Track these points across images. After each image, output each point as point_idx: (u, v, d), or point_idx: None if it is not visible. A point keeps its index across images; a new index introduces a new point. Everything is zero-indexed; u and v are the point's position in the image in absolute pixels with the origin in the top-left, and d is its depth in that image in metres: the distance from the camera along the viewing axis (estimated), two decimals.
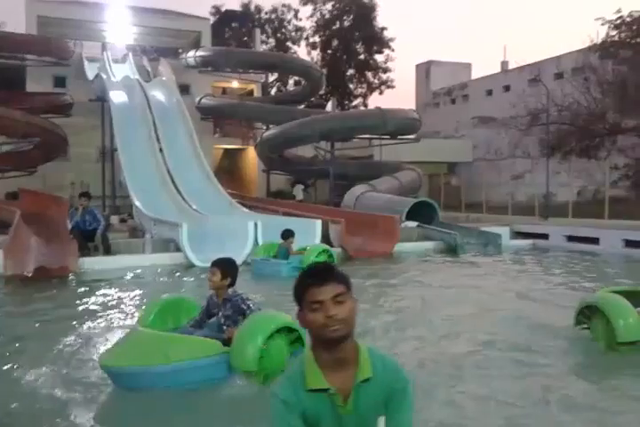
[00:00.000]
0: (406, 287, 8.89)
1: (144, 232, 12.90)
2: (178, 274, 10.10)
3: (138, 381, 4.05)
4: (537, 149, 23.91)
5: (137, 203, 14.08)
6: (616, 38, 22.69)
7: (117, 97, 19.47)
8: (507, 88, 32.50)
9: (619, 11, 22.02)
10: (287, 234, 10.05)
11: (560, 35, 79.91)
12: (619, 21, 22.31)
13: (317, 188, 27.00)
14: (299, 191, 24.45)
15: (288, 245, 10.03)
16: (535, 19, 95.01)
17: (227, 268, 4.45)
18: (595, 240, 12.33)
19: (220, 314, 4.43)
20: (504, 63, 35.73)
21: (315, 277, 1.88)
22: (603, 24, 22.56)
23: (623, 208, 17.39)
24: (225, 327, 4.38)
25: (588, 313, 5.01)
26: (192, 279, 9.78)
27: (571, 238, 12.98)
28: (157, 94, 20.49)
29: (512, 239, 13.92)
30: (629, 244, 11.65)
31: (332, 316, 1.80)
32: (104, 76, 21.50)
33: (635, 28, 22.23)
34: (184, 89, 25.11)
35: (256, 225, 11.60)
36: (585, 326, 5.12)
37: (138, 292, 8.37)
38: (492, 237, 13.21)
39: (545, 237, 13.54)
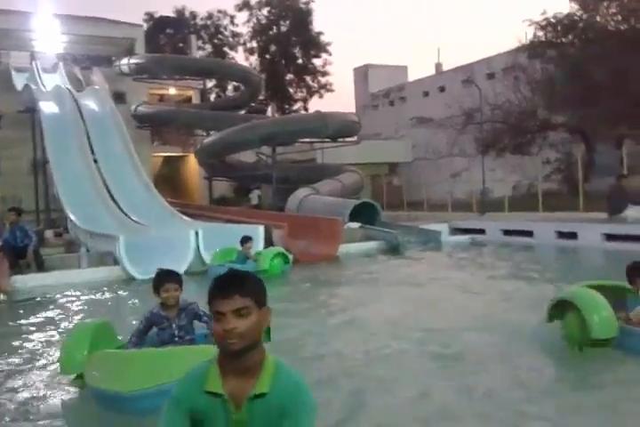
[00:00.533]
0: (348, 288, 8.94)
1: (80, 246, 12.51)
2: (115, 288, 9.83)
3: (150, 403, 3.54)
4: (473, 147, 24.60)
5: (71, 216, 13.63)
6: (542, 38, 23.56)
7: (48, 108, 18.83)
8: (442, 89, 33.34)
9: (544, 12, 22.92)
10: (245, 239, 10.20)
11: (490, 36, 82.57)
12: (544, 22, 23.20)
13: (262, 193, 26.93)
14: (255, 197, 24.55)
15: (246, 251, 10.16)
16: (466, 21, 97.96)
17: (180, 279, 4.43)
18: (529, 233, 12.77)
19: (174, 325, 4.36)
20: (438, 65, 36.68)
21: (220, 288, 1.87)
22: (529, 25, 23.43)
23: (556, 201, 18.10)
24: (177, 339, 4.34)
25: (561, 308, 4.75)
26: (129, 293, 9.55)
27: (506, 232, 13.40)
28: (90, 104, 19.92)
29: (451, 235, 14.24)
30: (561, 235, 12.12)
31: (231, 329, 1.79)
32: (33, 87, 20.77)
33: (559, 28, 23.17)
34: (119, 97, 24.58)
35: (197, 234, 11.42)
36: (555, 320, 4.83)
37: (73, 309, 8.11)
38: (432, 235, 13.50)
39: (482, 232, 13.94)
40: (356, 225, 14.34)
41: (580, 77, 21.06)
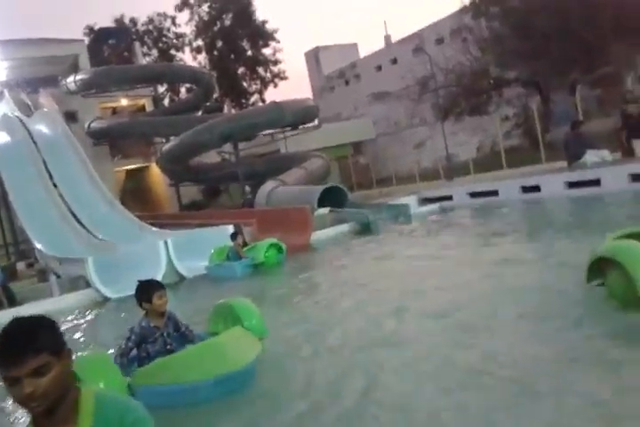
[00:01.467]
0: (326, 276, 8.91)
1: (52, 273, 12.34)
2: (90, 311, 9.72)
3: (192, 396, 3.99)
4: (432, 115, 24.60)
5: (37, 245, 13.47)
6: None
7: None
8: (394, 61, 33.23)
9: None
10: (234, 235, 10.41)
11: (435, 1, 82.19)
12: None
13: (231, 192, 26.75)
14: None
15: (236, 247, 10.20)
16: None
17: (165, 286, 4.47)
18: (495, 193, 12.82)
19: (165, 334, 4.42)
20: (387, 37, 36.48)
21: (6, 350, 1.58)
22: None
23: (519, 156, 18.19)
24: (169, 347, 4.39)
25: (602, 266, 4.26)
26: (106, 314, 9.47)
27: (473, 195, 13.45)
28: (41, 128, 19.55)
29: (420, 206, 14.25)
30: (525, 190, 12.20)
31: (30, 393, 1.57)
32: None
33: None
34: (71, 116, 24.21)
35: (166, 243, 11.30)
36: (598, 281, 4.38)
37: None
38: (401, 209, 13.50)
39: (450, 198, 13.97)
40: (325, 210, 14.29)
41: (525, 30, 21.04)
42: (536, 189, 11.98)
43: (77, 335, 7.93)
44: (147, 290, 4.35)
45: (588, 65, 20.02)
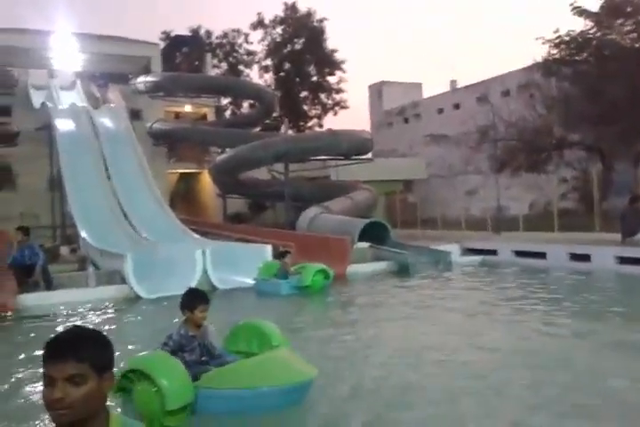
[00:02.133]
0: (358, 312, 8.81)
1: (92, 263, 12.54)
2: (121, 307, 9.80)
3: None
4: (487, 165, 24.39)
5: (83, 233, 13.73)
6: (557, 56, 23.38)
7: (63, 125, 19.10)
8: (456, 106, 33.24)
9: (557, 31, 22.77)
10: (283, 253, 10.82)
11: (505, 53, 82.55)
12: (557, 40, 23.04)
13: (276, 210, 26.89)
14: None
15: (285, 265, 10.56)
16: (481, 38, 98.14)
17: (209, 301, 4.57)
18: (542, 255, 12.50)
19: (201, 345, 4.48)
20: (453, 82, 36.62)
21: (52, 350, 1.62)
22: (543, 43, 23.28)
23: (572, 220, 17.79)
24: (203, 358, 4.46)
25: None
26: (135, 312, 9.52)
27: (519, 253, 13.15)
28: (105, 121, 20.18)
29: (462, 256, 14.02)
30: (574, 257, 11.85)
31: (59, 399, 1.57)
32: (50, 104, 21.11)
33: (573, 46, 22.99)
34: (135, 115, 24.87)
35: (204, 253, 11.38)
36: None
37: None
38: (442, 255, 13.31)
39: (494, 252, 13.69)
40: (365, 245, 14.20)
41: (595, 95, 20.84)
42: (586, 258, 11.64)
43: (100, 328, 7.96)
44: (193, 300, 4.43)
45: None
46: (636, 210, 12.08)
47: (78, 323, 8.63)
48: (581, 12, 21.05)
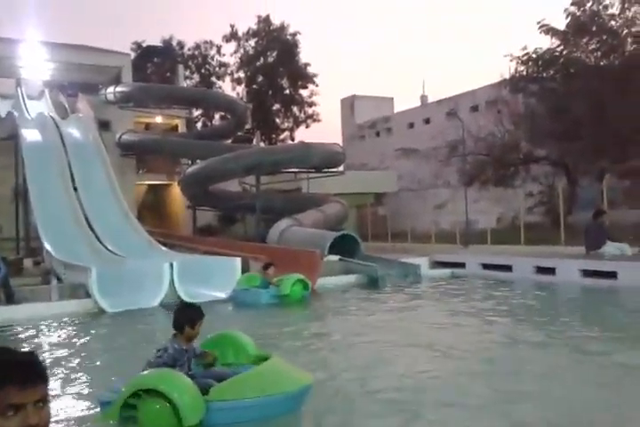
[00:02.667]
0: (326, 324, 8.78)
1: (56, 277, 12.25)
2: (84, 321, 9.57)
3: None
4: (457, 179, 24.75)
5: (47, 245, 13.40)
6: (524, 73, 23.93)
7: (29, 135, 18.75)
8: (427, 121, 33.74)
9: (524, 48, 23.31)
10: (267, 265, 11.03)
11: (474, 70, 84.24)
12: (525, 57, 23.58)
13: (247, 222, 26.75)
14: None
15: (268, 276, 10.85)
16: (451, 55, 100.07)
17: None
18: (508, 268, 12.68)
19: (187, 358, 4.47)
20: (423, 97, 37.19)
21: (19, 374, 1.48)
22: (511, 60, 23.81)
23: (539, 233, 18.13)
24: (190, 371, 4.45)
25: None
26: (98, 327, 9.30)
27: (486, 266, 13.31)
28: (73, 131, 19.86)
29: (431, 269, 14.13)
30: (540, 270, 12.04)
31: (35, 425, 1.47)
32: (17, 114, 20.71)
33: (540, 63, 23.57)
34: (104, 125, 24.56)
35: (172, 266, 11.22)
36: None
37: (36, 343, 7.84)
38: (412, 268, 13.38)
39: (462, 265, 13.83)
40: (335, 258, 14.18)
41: (561, 112, 21.37)
42: (551, 271, 11.82)
43: (62, 344, 7.77)
44: (194, 315, 4.49)
45: (618, 155, 20.17)
46: (600, 224, 12.34)
47: (39, 337, 8.40)
48: (548, 30, 21.63)
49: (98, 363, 6.67)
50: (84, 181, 16.88)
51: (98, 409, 4.38)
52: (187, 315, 4.47)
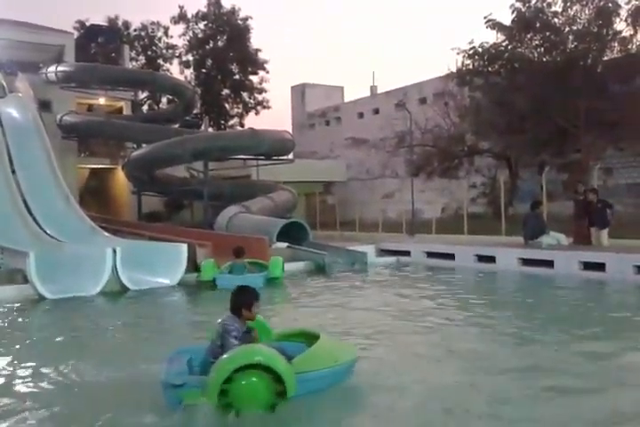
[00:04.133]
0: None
1: None
2: (21, 309, 9.25)
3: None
4: (404, 170, 25.13)
5: None
6: (470, 67, 24.36)
7: None
8: (376, 111, 34.02)
9: (471, 42, 23.71)
10: (241, 252, 11.19)
11: (424, 62, 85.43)
12: (472, 51, 23.99)
13: (194, 209, 26.38)
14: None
15: (244, 262, 11.12)
16: (401, 46, 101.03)
17: None
18: (451, 256, 13.05)
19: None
20: (373, 88, 37.44)
21: None
22: (458, 53, 24.18)
23: (481, 224, 18.66)
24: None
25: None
26: (37, 314, 9.03)
27: (430, 254, 13.66)
28: (11, 111, 19.04)
29: (378, 257, 14.37)
30: (480, 259, 12.45)
31: None
32: None
33: (486, 57, 24.06)
34: (45, 106, 23.64)
35: (115, 252, 10.96)
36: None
37: None
38: (359, 256, 13.55)
39: (407, 253, 14.13)
40: (283, 245, 14.21)
41: (504, 106, 21.93)
42: (491, 259, 12.24)
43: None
44: (251, 297, 4.62)
45: (558, 149, 20.92)
46: (537, 215, 12.83)
47: None
48: (494, 25, 22.03)
49: (35, 351, 6.48)
50: (22, 164, 16.25)
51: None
52: (245, 296, 4.60)
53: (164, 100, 39.61)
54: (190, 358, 4.52)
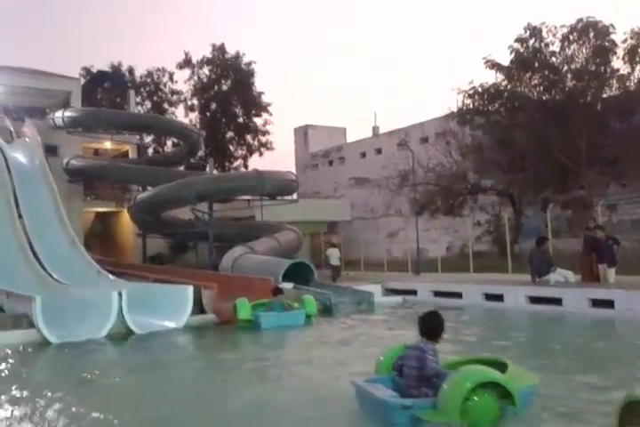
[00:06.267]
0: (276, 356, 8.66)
1: None
2: (26, 354, 9.12)
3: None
4: (408, 208, 25.20)
5: None
6: (470, 106, 24.75)
7: None
8: (379, 151, 34.39)
9: (471, 82, 24.21)
10: (279, 291, 11.48)
11: (425, 102, 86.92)
12: (472, 91, 24.45)
13: (199, 250, 26.34)
14: (334, 256, 19.72)
15: (282, 300, 11.21)
16: (402, 87, 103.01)
17: None
18: (458, 295, 12.93)
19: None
20: (375, 128, 38.00)
21: None
22: (458, 93, 24.65)
23: (487, 261, 18.59)
24: None
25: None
26: (43, 358, 8.91)
27: (437, 293, 13.54)
28: (19, 156, 19.35)
29: (384, 296, 14.26)
30: (488, 297, 12.33)
31: None
32: None
33: (485, 97, 24.50)
34: (51, 150, 23.98)
35: (120, 295, 10.90)
36: None
37: None
38: (365, 296, 13.46)
39: (414, 293, 14.02)
40: (289, 285, 14.12)
41: (506, 144, 22.21)
42: (499, 298, 12.12)
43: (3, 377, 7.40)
44: (442, 322, 4.77)
45: (561, 186, 21.04)
46: (543, 251, 12.76)
47: None
48: (493, 65, 22.55)
49: (49, 395, 6.36)
50: (29, 208, 16.38)
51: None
52: (440, 321, 4.73)
53: (169, 143, 40.20)
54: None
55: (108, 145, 29.19)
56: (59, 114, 24.77)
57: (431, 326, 4.69)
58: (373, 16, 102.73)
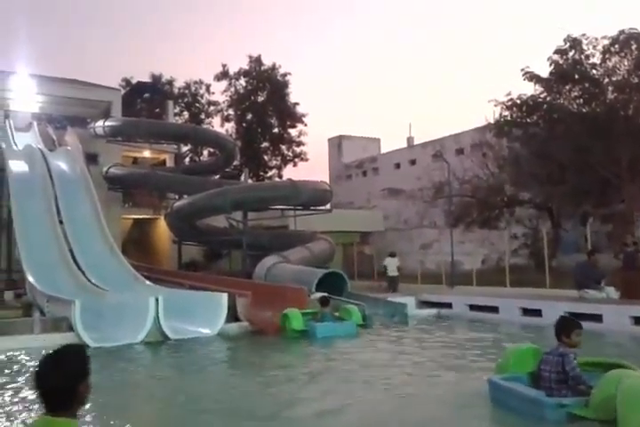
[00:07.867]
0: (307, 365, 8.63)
1: (38, 309, 12.02)
2: None
3: None
4: (442, 220, 24.97)
5: (30, 278, 13.19)
6: (508, 118, 24.47)
7: (17, 167, 18.71)
8: (413, 162, 34.29)
9: (509, 93, 23.96)
10: (326, 300, 11.49)
11: (460, 113, 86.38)
12: (510, 103, 24.18)
13: (232, 258, 26.57)
14: (392, 266, 18.55)
15: (329, 311, 11.35)
16: (437, 98, 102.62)
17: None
18: (495, 309, 12.68)
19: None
20: (410, 139, 37.90)
21: None
22: (496, 105, 24.41)
23: (523, 276, 18.23)
24: None
25: None
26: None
27: (472, 307, 13.31)
28: (61, 164, 19.88)
29: (418, 308, 14.09)
30: (526, 312, 12.06)
31: None
32: (3, 145, 20.70)
33: (523, 109, 24.19)
34: (92, 158, 24.59)
35: (157, 301, 11.05)
36: None
37: (16, 377, 7.59)
38: (399, 308, 13.31)
39: (449, 306, 13.82)
40: (319, 295, 14.06)
41: (544, 156, 21.85)
42: (537, 312, 11.83)
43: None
44: (568, 326, 5.15)
45: (601, 199, 20.56)
46: (592, 265, 12.35)
47: (19, 371, 8.14)
48: (532, 77, 22.28)
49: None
50: (70, 215, 16.79)
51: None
52: (562, 326, 5.15)
53: (205, 152, 40.82)
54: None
55: (146, 154, 29.83)
56: (99, 123, 25.42)
57: (555, 329, 5.13)
58: (410, 27, 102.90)
